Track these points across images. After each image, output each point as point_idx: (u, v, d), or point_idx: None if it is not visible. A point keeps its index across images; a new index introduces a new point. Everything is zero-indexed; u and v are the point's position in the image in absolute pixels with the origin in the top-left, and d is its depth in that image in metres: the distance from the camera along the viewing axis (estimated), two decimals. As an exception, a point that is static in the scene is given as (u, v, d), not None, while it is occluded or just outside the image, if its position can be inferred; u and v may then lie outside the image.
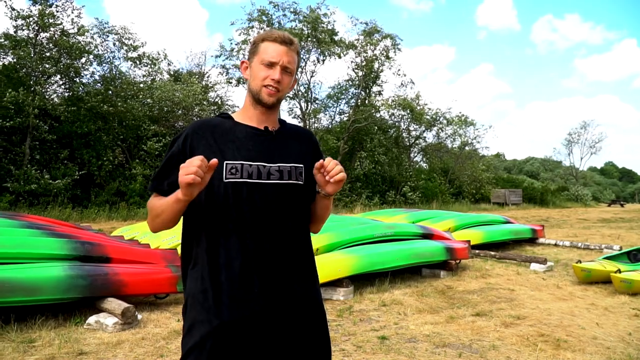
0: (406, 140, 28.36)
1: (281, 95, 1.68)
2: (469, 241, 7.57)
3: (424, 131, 28.19)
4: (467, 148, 30.21)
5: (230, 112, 1.77)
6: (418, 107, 25.88)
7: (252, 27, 22.25)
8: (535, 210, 26.42)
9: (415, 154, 30.24)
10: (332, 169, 1.61)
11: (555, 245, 10.38)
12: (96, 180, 16.84)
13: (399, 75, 24.78)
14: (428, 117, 27.16)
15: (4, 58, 17.16)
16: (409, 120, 27.00)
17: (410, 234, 7.04)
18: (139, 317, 4.47)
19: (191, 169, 1.40)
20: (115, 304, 4.34)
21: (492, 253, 8.38)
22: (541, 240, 10.64)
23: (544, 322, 4.70)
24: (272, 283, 1.58)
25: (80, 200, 15.92)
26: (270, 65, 1.64)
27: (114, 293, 4.53)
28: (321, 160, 1.61)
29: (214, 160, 1.44)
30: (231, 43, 25.68)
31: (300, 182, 1.68)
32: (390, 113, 25.47)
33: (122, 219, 14.60)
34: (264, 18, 21.97)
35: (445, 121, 28.38)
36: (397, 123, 27.08)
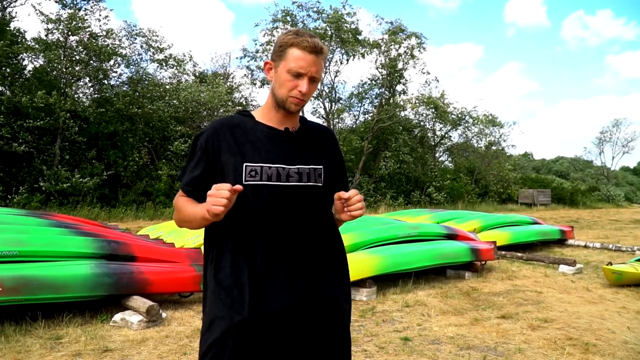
0: (431, 139, 28.10)
1: (306, 103, 1.68)
2: (494, 242, 7.45)
3: (449, 130, 27.89)
4: (493, 147, 29.75)
5: (251, 110, 1.76)
6: (443, 106, 25.60)
7: (277, 27, 22.35)
8: (564, 211, 25.88)
9: (441, 154, 29.95)
10: (353, 204, 1.60)
11: (585, 246, 10.13)
12: (122, 180, 17.14)
13: (424, 73, 24.60)
14: (453, 116, 26.86)
15: (35, 61, 17.63)
16: (434, 119, 26.75)
17: (435, 235, 6.97)
18: (164, 315, 4.52)
19: (221, 201, 1.41)
20: (140, 302, 4.40)
21: (519, 254, 8.23)
22: (570, 241, 10.41)
23: (572, 325, 4.59)
24: (292, 283, 1.60)
25: (108, 199, 16.22)
26: (298, 75, 1.60)
27: (139, 291, 4.59)
28: (345, 193, 1.60)
29: (239, 187, 1.44)
30: (255, 44, 25.79)
31: (319, 184, 1.69)
32: (415, 112, 25.28)
33: (149, 219, 14.82)
34: (288, 19, 22.04)
35: (470, 120, 28.03)
36: (422, 122, 26.85)
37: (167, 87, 20.01)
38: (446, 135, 28.33)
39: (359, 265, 5.53)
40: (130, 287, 4.56)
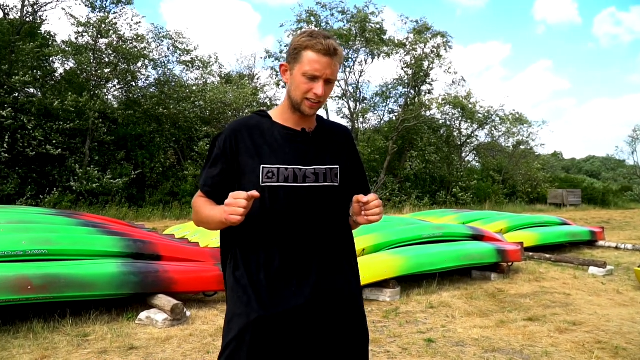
0: (457, 139, 27.75)
1: (321, 106, 1.68)
2: (521, 243, 7.31)
3: (475, 129, 27.51)
4: (522, 147, 29.21)
5: (267, 110, 1.78)
6: (469, 105, 25.26)
7: (301, 28, 22.40)
8: (595, 212, 25.27)
9: (467, 153, 29.56)
10: (371, 209, 1.61)
11: (617, 248, 9.87)
12: (149, 180, 17.42)
13: (450, 73, 24.32)
14: (480, 115, 26.47)
15: (66, 64, 18.07)
16: (460, 119, 26.42)
17: (460, 235, 6.87)
18: (188, 313, 4.57)
19: (239, 210, 1.44)
20: (165, 301, 4.45)
21: (547, 256, 8.07)
22: (601, 243, 10.15)
23: (601, 328, 4.48)
24: (309, 281, 1.63)
25: (136, 200, 16.51)
26: (313, 78, 1.60)
27: (164, 290, 4.64)
28: (364, 197, 1.60)
29: (255, 193, 1.45)
30: (280, 45, 25.87)
31: (335, 184, 1.71)
32: (440, 111, 25.02)
33: (175, 218, 15.02)
34: (312, 19, 22.06)
35: (498, 119, 27.58)
36: (448, 121, 26.55)
37: (194, 88, 20.26)
38: (473, 135, 27.95)
39: (383, 265, 5.50)
40: (156, 285, 4.62)
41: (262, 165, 1.62)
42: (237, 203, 1.44)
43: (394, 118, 24.69)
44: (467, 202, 23.35)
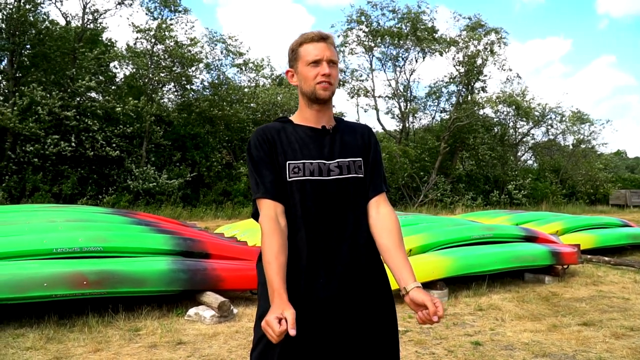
0: (512, 137, 26.90)
1: (334, 89, 1.74)
2: (578, 245, 7.02)
3: (531, 128, 26.57)
4: (582, 146, 27.98)
5: (288, 116, 1.85)
6: (525, 103, 24.41)
7: (352, 28, 22.40)
8: (662, 213, 23.90)
9: (523, 152, 28.62)
10: (434, 316, 1.52)
11: (684, 251, 9.30)
12: (205, 180, 17.90)
13: (504, 70, 23.62)
14: (537, 112, 25.55)
15: (125, 69, 18.86)
16: (514, 117, 25.59)
17: (511, 236, 6.66)
18: (235, 311, 4.66)
19: (273, 337, 1.39)
20: (213, 298, 4.56)
21: (606, 259, 7.70)
22: (666, 245, 9.58)
23: (663, 336, 4.23)
24: (337, 274, 1.65)
25: (190, 199, 17.00)
26: (317, 62, 1.70)
27: (212, 287, 4.75)
28: (438, 311, 1.51)
29: (292, 332, 1.39)
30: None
31: (360, 175, 1.75)
32: (494, 110, 24.33)
33: (227, 218, 15.34)
34: (363, 19, 22.01)
35: (556, 117, 26.54)
36: (502, 120, 25.77)
37: (246, 90, 20.65)
38: (528, 133, 27.02)
39: (430, 266, 5.41)
40: (204, 283, 4.74)
41: (288, 162, 1.68)
42: (268, 333, 1.41)
43: (446, 117, 24.23)
44: (522, 203, 22.61)
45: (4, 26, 15.42)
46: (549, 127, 27.09)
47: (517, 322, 4.62)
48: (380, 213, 1.76)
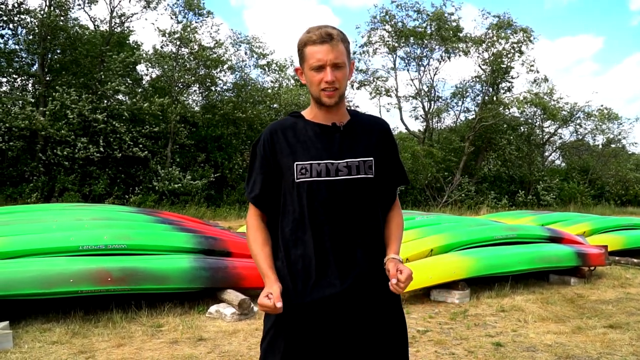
0: (539, 137, 26.41)
1: (341, 92, 1.70)
2: (605, 246, 6.86)
3: (559, 127, 26.04)
4: (612, 145, 27.30)
5: (300, 111, 1.83)
6: (552, 103, 23.92)
7: (376, 29, 22.32)
8: (696, 215, 23.21)
9: (550, 152, 28.09)
10: (401, 282, 1.58)
11: None
12: (228, 181, 18.09)
13: (532, 70, 23.16)
14: (564, 112, 25.01)
15: (152, 71, 19.20)
16: (541, 117, 25.12)
17: (536, 237, 6.55)
18: (255, 309, 4.70)
19: (270, 309, 1.55)
20: (234, 296, 4.61)
21: (636, 260, 7.52)
22: (699, 248, 9.29)
23: (692, 339, 4.11)
24: (344, 271, 1.66)
25: (214, 199, 17.19)
26: (319, 68, 1.64)
27: (233, 285, 4.81)
28: (402, 277, 1.57)
29: (279, 305, 1.53)
30: (355, 45, 25.88)
31: (370, 176, 1.72)
32: (521, 110, 23.92)
33: (250, 218, 15.42)
34: (387, 18, 21.91)
35: (584, 116, 25.94)
36: (529, 120, 25.31)
37: (269, 91, 20.78)
38: (556, 133, 26.49)
39: (452, 266, 5.37)
40: (225, 281, 4.80)
41: (295, 163, 1.68)
42: (266, 305, 1.54)
43: (471, 117, 23.95)
44: (549, 204, 22.19)
45: (36, 31, 15.86)
46: (578, 126, 26.53)
47: (540, 324, 4.55)
48: (390, 216, 1.83)
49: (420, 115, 24.07)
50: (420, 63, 22.91)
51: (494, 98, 23.22)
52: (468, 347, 3.90)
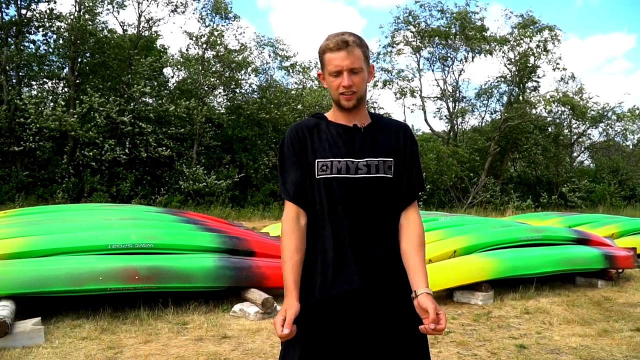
0: (567, 137, 25.92)
1: (359, 95, 1.74)
2: (634, 249, 6.73)
3: (588, 127, 25.52)
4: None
5: (323, 112, 1.87)
6: (581, 102, 23.46)
7: (399, 29, 22.25)
8: None
9: (578, 153, 27.55)
10: (437, 330, 1.55)
11: None
12: (253, 181, 18.25)
13: (559, 69, 22.77)
14: (594, 112, 24.50)
15: (178, 74, 19.52)
16: (569, 117, 24.65)
17: (562, 239, 6.45)
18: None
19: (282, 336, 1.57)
20: (257, 295, 4.67)
21: (666, 263, 7.34)
22: None
23: None
24: (361, 268, 1.70)
25: (238, 200, 17.37)
26: (337, 74, 1.71)
27: (256, 284, 4.87)
28: (438, 326, 1.54)
29: (287, 332, 1.57)
30: (379, 46, 25.83)
31: (388, 175, 1.76)
32: (548, 110, 23.53)
33: (274, 218, 15.54)
34: (410, 19, 21.83)
35: (614, 117, 25.37)
36: (556, 120, 24.88)
37: (293, 92, 20.90)
38: (584, 133, 25.96)
39: (475, 267, 5.34)
40: (249, 280, 4.87)
41: (316, 160, 1.73)
42: (281, 334, 1.57)
43: (496, 117, 23.66)
44: (577, 205, 21.76)
45: (66, 36, 16.28)
46: (608, 126, 25.95)
47: (565, 326, 4.50)
48: (408, 218, 1.80)
49: (445, 116, 23.90)
50: (444, 63, 22.76)
51: (520, 97, 22.90)
52: (491, 349, 3.89)
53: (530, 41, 21.83)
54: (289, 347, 1.71)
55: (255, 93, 20.24)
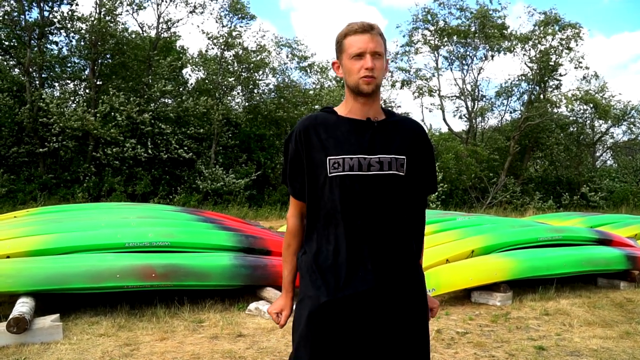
0: (589, 137, 25.45)
1: (378, 82, 1.71)
2: (658, 249, 6.57)
3: (611, 126, 25.03)
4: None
5: (333, 107, 1.84)
6: (604, 101, 22.99)
7: (417, 28, 22.09)
8: None
9: (601, 153, 27.04)
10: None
11: None
12: (271, 181, 18.31)
13: (581, 67, 22.36)
14: (617, 110, 24.00)
15: (197, 74, 19.68)
16: (592, 115, 24.19)
17: (583, 239, 6.33)
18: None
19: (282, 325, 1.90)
20: (273, 293, 4.67)
21: (691, 265, 7.15)
22: None
23: None
24: (374, 267, 1.68)
25: (256, 199, 17.44)
26: (360, 56, 1.68)
27: (272, 283, 4.87)
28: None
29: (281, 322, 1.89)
30: (396, 46, 25.66)
31: (401, 173, 1.72)
32: (569, 109, 23.11)
33: (292, 218, 15.55)
34: (429, 17, 21.66)
35: (638, 115, 24.82)
36: (578, 119, 24.43)
37: (310, 92, 20.92)
38: (607, 132, 25.47)
39: (493, 268, 5.27)
40: (264, 278, 4.87)
41: (328, 157, 1.69)
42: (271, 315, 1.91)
43: (517, 116, 23.34)
44: (599, 205, 21.36)
45: (87, 37, 16.52)
46: (632, 125, 25.40)
47: (586, 328, 4.42)
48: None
49: (464, 115, 23.65)
50: (463, 62, 22.53)
51: (541, 96, 22.55)
52: (509, 350, 3.83)
53: (553, 39, 21.48)
54: (301, 345, 1.70)
55: (273, 93, 20.31)
